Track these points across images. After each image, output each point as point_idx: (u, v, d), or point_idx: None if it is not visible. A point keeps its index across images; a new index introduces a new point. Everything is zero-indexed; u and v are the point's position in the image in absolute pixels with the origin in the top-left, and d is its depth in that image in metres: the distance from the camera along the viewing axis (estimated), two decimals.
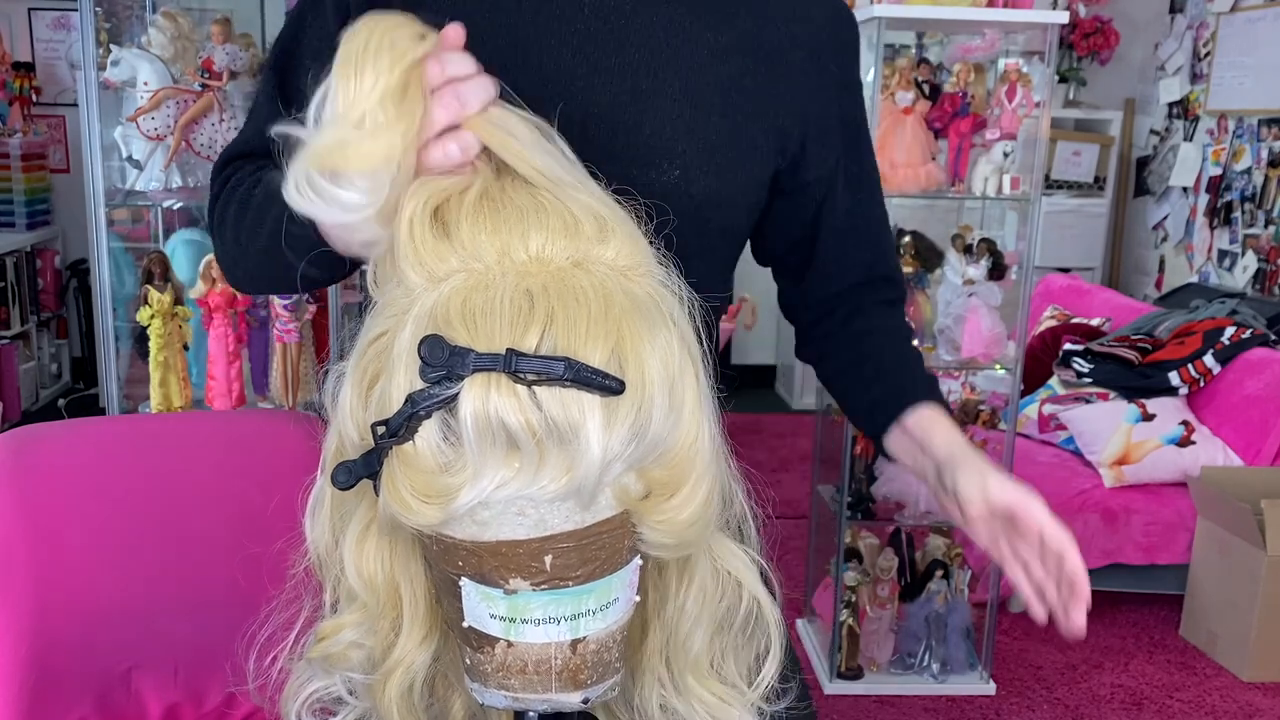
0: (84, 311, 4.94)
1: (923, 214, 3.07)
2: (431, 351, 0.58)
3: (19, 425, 2.07)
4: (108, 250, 2.33)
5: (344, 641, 0.70)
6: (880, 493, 2.75)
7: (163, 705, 1.34)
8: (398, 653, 0.69)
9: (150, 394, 2.21)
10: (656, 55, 0.86)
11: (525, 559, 0.62)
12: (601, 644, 0.66)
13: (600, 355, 0.58)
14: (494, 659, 0.65)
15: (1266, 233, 4.21)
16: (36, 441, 1.35)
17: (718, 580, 0.71)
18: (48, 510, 1.28)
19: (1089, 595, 0.83)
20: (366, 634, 0.70)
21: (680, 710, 0.73)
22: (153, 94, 2.28)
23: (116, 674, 1.31)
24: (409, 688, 0.70)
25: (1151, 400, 3.41)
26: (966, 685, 2.78)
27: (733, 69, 0.89)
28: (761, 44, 0.91)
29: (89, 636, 1.29)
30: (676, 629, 0.72)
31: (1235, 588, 2.94)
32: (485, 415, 0.57)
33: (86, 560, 1.29)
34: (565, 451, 0.58)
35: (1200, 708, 2.78)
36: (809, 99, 0.94)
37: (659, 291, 0.64)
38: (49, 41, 4.89)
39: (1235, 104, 4.41)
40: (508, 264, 0.62)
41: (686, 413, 0.62)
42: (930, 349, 2.70)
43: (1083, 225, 4.96)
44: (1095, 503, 3.21)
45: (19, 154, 4.54)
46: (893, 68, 2.62)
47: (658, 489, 0.63)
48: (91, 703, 1.29)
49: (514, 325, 0.58)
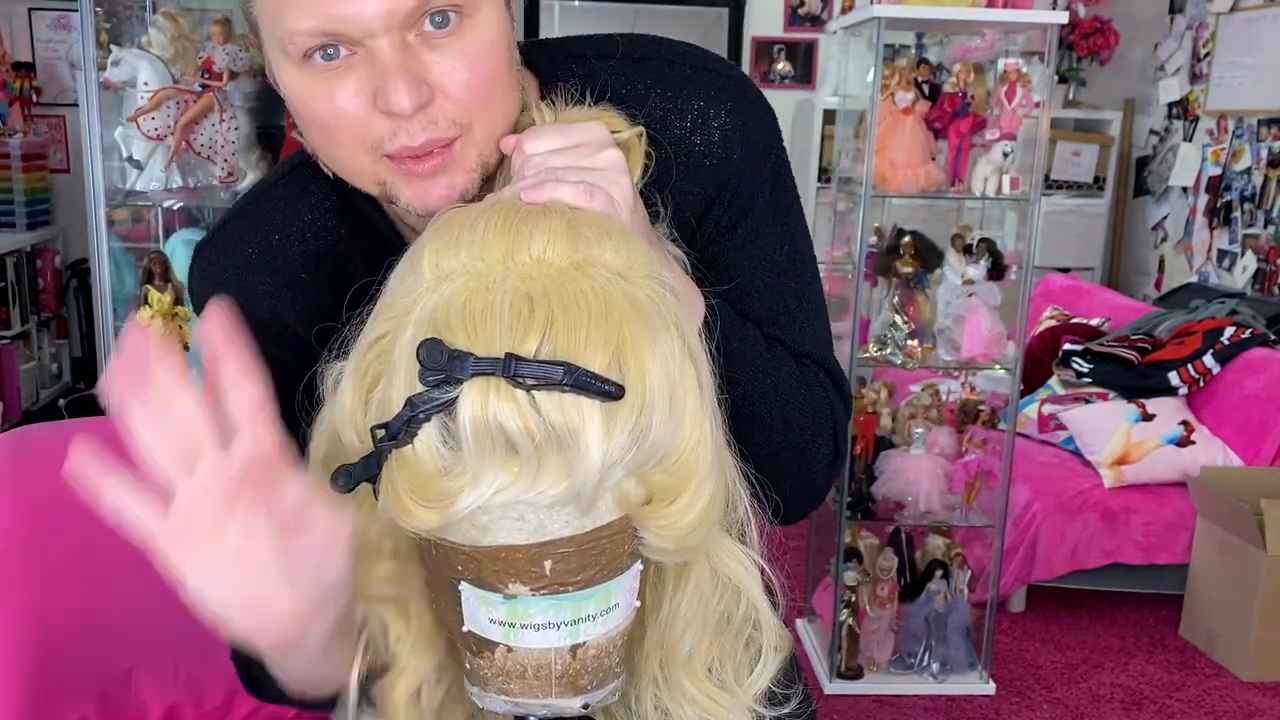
0: (84, 311, 4.94)
1: (923, 214, 3.08)
2: (430, 355, 0.57)
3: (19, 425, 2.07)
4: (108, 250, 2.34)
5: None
6: (880, 493, 2.75)
7: (163, 705, 1.34)
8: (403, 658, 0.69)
9: None
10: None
11: (525, 564, 0.61)
12: (601, 649, 0.66)
13: (600, 360, 0.58)
14: (493, 664, 0.65)
15: (1266, 233, 4.21)
16: (36, 441, 1.35)
17: (715, 583, 0.71)
18: (48, 510, 1.28)
19: None
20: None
21: (674, 712, 0.73)
22: (153, 94, 2.28)
23: (117, 674, 1.31)
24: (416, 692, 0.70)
25: (1151, 400, 3.41)
26: (966, 685, 2.78)
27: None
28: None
29: (89, 636, 1.29)
30: (670, 630, 0.71)
31: (1235, 588, 2.94)
32: (484, 420, 0.57)
33: (87, 560, 1.29)
34: (564, 457, 0.58)
35: (1200, 708, 2.78)
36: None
37: (659, 294, 0.64)
38: (49, 41, 4.89)
39: (1235, 104, 4.41)
40: (510, 265, 0.61)
41: (688, 417, 0.62)
42: (930, 349, 2.70)
43: (1082, 225, 4.96)
44: (1095, 503, 3.21)
45: (19, 154, 4.54)
46: (893, 68, 2.62)
47: (659, 494, 0.62)
48: (92, 702, 1.30)
49: (514, 329, 0.58)
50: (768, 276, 0.88)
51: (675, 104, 0.84)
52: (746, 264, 0.87)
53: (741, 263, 0.87)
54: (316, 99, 0.73)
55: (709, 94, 0.85)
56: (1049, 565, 3.17)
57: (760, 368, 0.84)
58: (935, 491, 2.72)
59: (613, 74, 0.85)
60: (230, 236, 0.88)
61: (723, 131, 0.84)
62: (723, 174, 0.84)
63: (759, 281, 0.87)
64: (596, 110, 0.77)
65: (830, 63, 4.83)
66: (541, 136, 0.71)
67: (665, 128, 0.83)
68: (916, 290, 2.70)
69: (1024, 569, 3.17)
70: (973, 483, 2.74)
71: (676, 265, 0.78)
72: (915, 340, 2.68)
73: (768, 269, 0.88)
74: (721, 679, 0.73)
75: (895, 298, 2.71)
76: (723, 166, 0.84)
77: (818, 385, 0.89)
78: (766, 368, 0.84)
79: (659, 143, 0.80)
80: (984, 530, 2.83)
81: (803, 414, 0.87)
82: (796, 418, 0.86)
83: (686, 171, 0.83)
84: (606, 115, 0.76)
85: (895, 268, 2.69)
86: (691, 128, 0.84)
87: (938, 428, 2.75)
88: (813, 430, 0.88)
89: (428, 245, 0.64)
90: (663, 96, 0.84)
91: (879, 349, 2.70)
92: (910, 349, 2.68)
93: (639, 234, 0.69)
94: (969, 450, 2.74)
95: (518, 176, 0.70)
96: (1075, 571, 3.19)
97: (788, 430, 0.86)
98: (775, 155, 0.88)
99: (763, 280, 0.87)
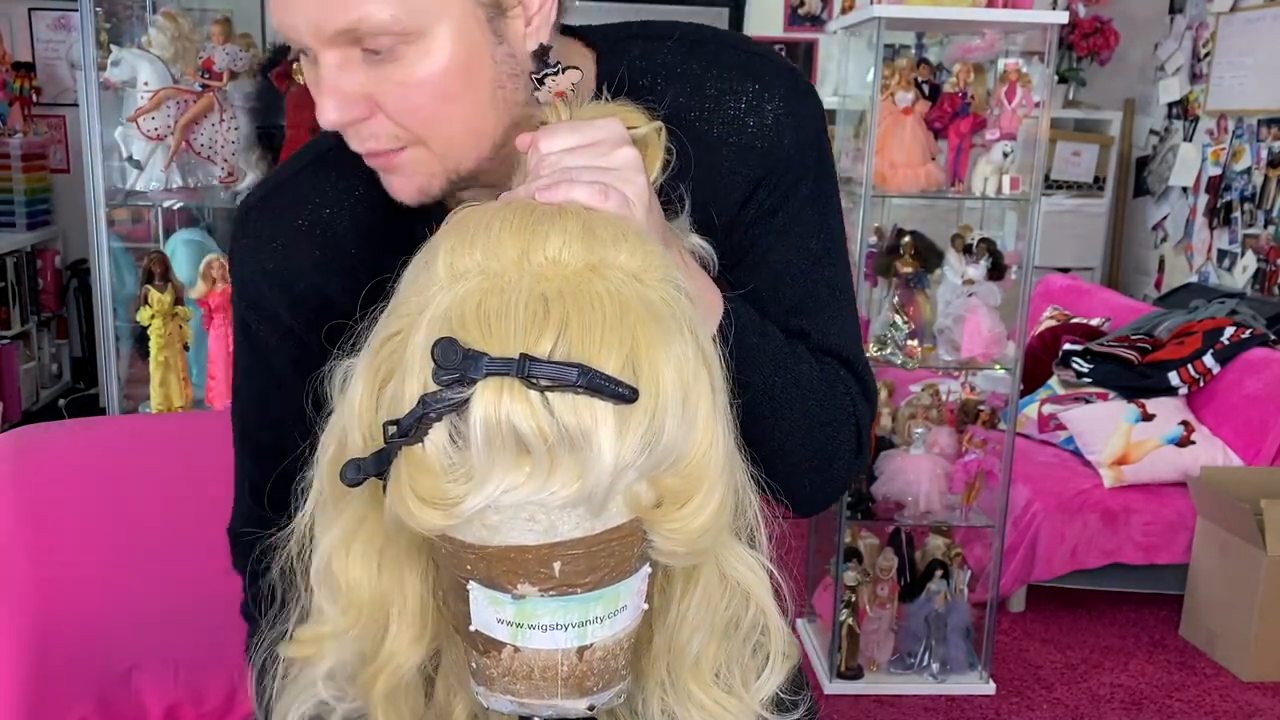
0: (84, 311, 4.94)
1: (923, 214, 3.08)
2: (445, 354, 0.57)
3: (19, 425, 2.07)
4: (108, 250, 2.34)
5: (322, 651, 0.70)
6: (880, 493, 2.75)
7: (163, 705, 1.34)
8: (386, 653, 0.68)
9: (150, 394, 2.21)
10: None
11: (534, 564, 0.61)
12: (608, 651, 0.66)
13: (614, 362, 0.58)
14: (500, 664, 0.65)
15: (1266, 233, 4.21)
16: (36, 441, 1.35)
17: (724, 588, 0.71)
18: (48, 510, 1.28)
19: None
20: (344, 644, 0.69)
21: (680, 716, 0.73)
22: (153, 94, 2.28)
23: (116, 674, 1.31)
24: (396, 688, 0.70)
25: (1151, 400, 3.41)
26: (966, 685, 2.78)
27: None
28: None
29: (89, 636, 1.29)
30: (677, 634, 0.71)
31: (1235, 588, 2.94)
32: (496, 420, 0.57)
33: (87, 560, 1.29)
34: (576, 458, 0.58)
35: (1200, 708, 2.78)
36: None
37: (674, 297, 0.64)
38: (49, 41, 4.89)
39: (1235, 104, 4.42)
40: (525, 266, 0.61)
41: (700, 421, 0.61)
42: (930, 349, 2.70)
43: (1082, 225, 4.96)
44: (1095, 503, 3.21)
45: (19, 154, 4.53)
46: (893, 68, 2.63)
47: (670, 497, 0.62)
48: (92, 703, 1.29)
49: (528, 330, 0.58)
50: (803, 264, 0.88)
51: (731, 85, 0.85)
52: (783, 249, 0.88)
53: (779, 247, 0.88)
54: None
55: (764, 79, 0.86)
56: (1049, 565, 3.17)
57: (780, 363, 0.84)
58: (935, 491, 2.72)
59: (670, 53, 0.86)
60: (281, 204, 0.87)
61: (775, 115, 0.85)
62: (772, 157, 0.85)
63: (794, 268, 0.88)
64: (614, 106, 0.76)
65: (830, 63, 4.83)
66: (557, 135, 0.71)
67: (720, 107, 0.84)
68: (916, 290, 2.69)
69: (1024, 569, 3.17)
70: (973, 483, 2.74)
71: (695, 264, 0.78)
72: (915, 340, 2.68)
73: (804, 256, 0.88)
74: (728, 684, 0.73)
75: (895, 298, 2.71)
76: (774, 150, 0.85)
77: (839, 382, 0.89)
78: (786, 363, 0.84)
79: (711, 123, 0.82)
80: (984, 530, 2.83)
81: (824, 410, 0.87)
82: (817, 413, 0.86)
83: (738, 152, 0.85)
84: (624, 111, 0.75)
85: (895, 268, 2.69)
86: (746, 109, 0.85)
87: (938, 428, 2.76)
88: (834, 426, 0.88)
89: (443, 244, 0.64)
90: (719, 78, 0.85)
91: (879, 349, 2.70)
92: (910, 349, 2.68)
93: (655, 232, 0.69)
94: (969, 450, 2.74)
95: (533, 175, 0.70)
96: (1075, 571, 3.19)
97: (809, 426, 0.86)
98: (821, 146, 0.89)
99: (798, 267, 0.88)
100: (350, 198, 0.86)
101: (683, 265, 0.76)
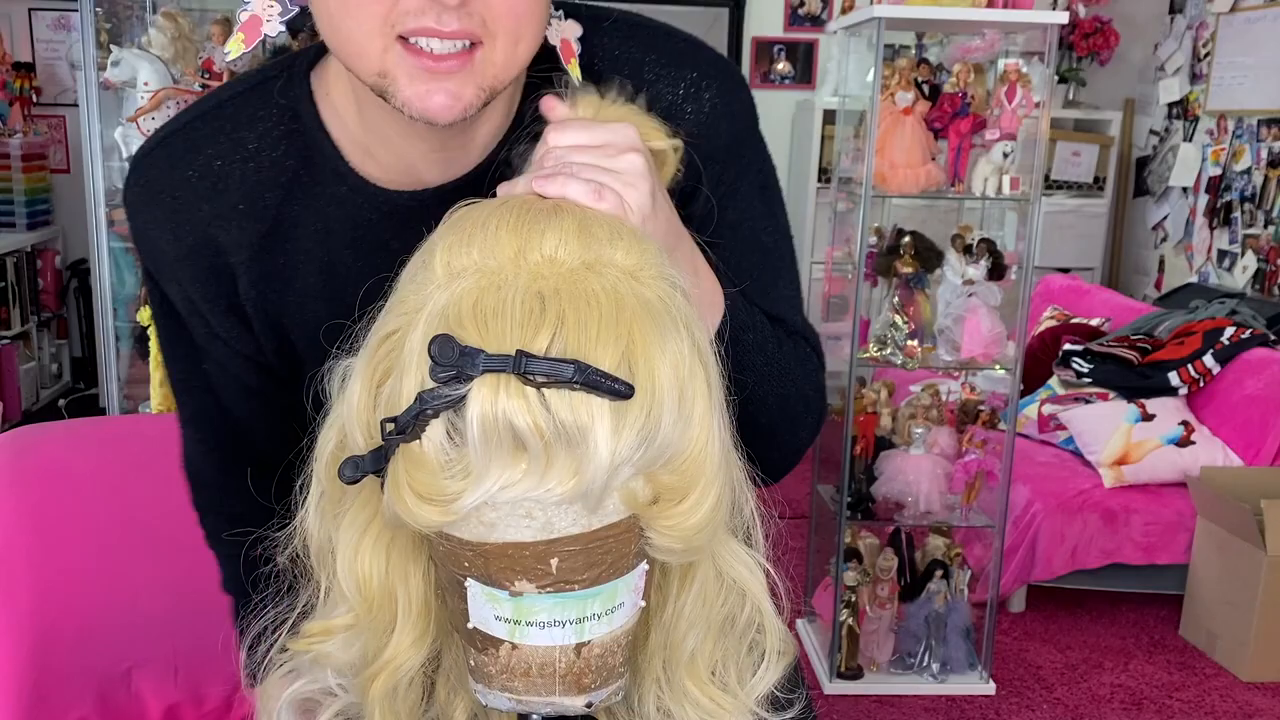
0: (84, 311, 4.94)
1: (923, 214, 3.07)
2: (441, 351, 0.58)
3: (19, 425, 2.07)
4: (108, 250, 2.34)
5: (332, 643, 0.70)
6: (880, 493, 2.75)
7: (163, 705, 1.34)
8: (388, 653, 0.69)
9: (150, 394, 2.21)
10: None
11: (531, 561, 0.62)
12: (606, 648, 0.66)
13: (610, 359, 0.58)
14: (498, 661, 0.65)
15: (1266, 233, 4.21)
16: (36, 441, 1.35)
17: (720, 585, 0.71)
18: (48, 510, 1.28)
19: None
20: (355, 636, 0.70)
21: (676, 713, 0.73)
22: (153, 94, 2.28)
23: (116, 674, 1.31)
24: (394, 688, 0.70)
25: (1151, 400, 3.41)
26: (966, 685, 2.78)
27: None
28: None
29: (89, 636, 1.29)
30: (673, 631, 0.71)
31: (1235, 588, 2.94)
32: (493, 416, 0.57)
33: (86, 560, 1.29)
34: (573, 455, 0.58)
35: (1200, 708, 2.78)
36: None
37: (670, 295, 0.64)
38: (49, 41, 4.89)
39: (1235, 104, 4.42)
40: (522, 264, 0.61)
41: (696, 418, 0.62)
42: (930, 349, 2.70)
43: (1082, 225, 4.96)
44: (1095, 503, 3.21)
45: (19, 154, 4.54)
46: (893, 68, 2.62)
47: (666, 494, 0.63)
48: (91, 703, 1.30)
49: (525, 327, 0.58)
50: (755, 256, 0.89)
51: (669, 71, 0.85)
52: (737, 245, 0.88)
53: (733, 245, 0.87)
54: None
55: (701, 68, 0.86)
56: (1049, 565, 3.17)
57: (770, 355, 0.85)
58: (935, 492, 2.72)
59: (607, 35, 0.85)
60: (173, 153, 0.85)
61: (712, 104, 0.85)
62: (708, 147, 0.84)
63: (748, 262, 0.88)
64: (637, 113, 0.76)
65: (830, 63, 4.83)
66: (569, 130, 0.71)
67: (658, 94, 0.83)
68: (916, 290, 2.69)
69: (1024, 569, 3.17)
70: (973, 483, 2.74)
71: (705, 264, 0.79)
72: (915, 340, 2.68)
73: (755, 251, 0.89)
74: (724, 681, 0.73)
75: (895, 298, 2.71)
76: (711, 139, 0.85)
77: (806, 358, 0.91)
78: (775, 355, 0.86)
79: (649, 107, 0.80)
80: (984, 530, 2.83)
81: (799, 389, 0.89)
82: (795, 394, 0.89)
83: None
84: (645, 122, 0.75)
85: (895, 268, 2.69)
86: (684, 96, 0.85)
87: (938, 428, 2.76)
88: (804, 402, 0.91)
89: (440, 242, 0.64)
90: (658, 63, 0.85)
91: (879, 349, 2.70)
92: (910, 349, 2.68)
93: (655, 237, 0.69)
94: (969, 450, 2.74)
95: (537, 166, 0.70)
96: (1075, 571, 3.19)
97: (784, 407, 0.88)
98: (757, 136, 0.90)
99: (751, 261, 0.89)
100: (242, 151, 0.84)
101: (692, 265, 0.76)
